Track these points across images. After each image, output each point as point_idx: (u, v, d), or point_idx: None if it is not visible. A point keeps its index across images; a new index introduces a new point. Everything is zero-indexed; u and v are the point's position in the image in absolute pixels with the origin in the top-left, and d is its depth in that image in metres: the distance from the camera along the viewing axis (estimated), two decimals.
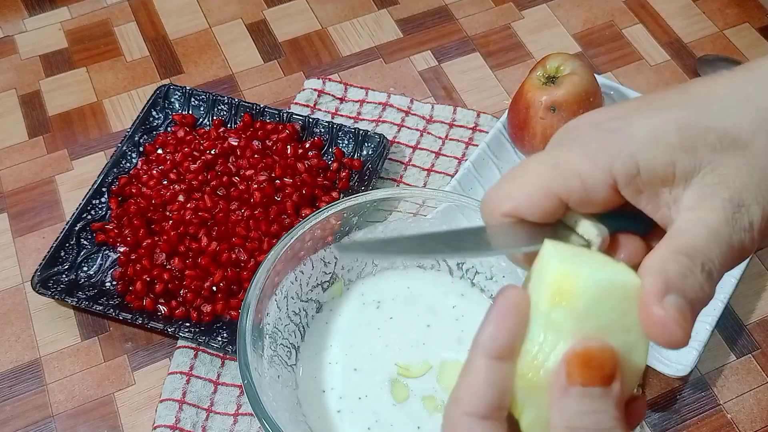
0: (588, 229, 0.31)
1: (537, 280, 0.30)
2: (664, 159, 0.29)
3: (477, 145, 0.77)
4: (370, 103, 0.82)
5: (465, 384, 0.30)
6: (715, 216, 0.29)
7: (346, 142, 0.77)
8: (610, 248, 0.32)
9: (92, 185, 0.74)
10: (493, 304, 0.30)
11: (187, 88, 0.80)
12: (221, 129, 0.78)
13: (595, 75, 0.73)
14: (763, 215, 0.29)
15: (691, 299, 0.28)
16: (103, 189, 0.74)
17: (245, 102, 0.79)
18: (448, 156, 0.78)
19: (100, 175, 0.74)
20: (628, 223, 0.32)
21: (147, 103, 0.79)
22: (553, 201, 0.31)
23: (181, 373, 0.65)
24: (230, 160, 0.75)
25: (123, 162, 0.76)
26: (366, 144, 0.76)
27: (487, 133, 0.78)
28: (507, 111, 0.75)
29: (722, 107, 0.30)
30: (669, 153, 0.29)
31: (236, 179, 0.73)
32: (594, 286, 0.29)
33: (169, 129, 0.79)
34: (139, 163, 0.76)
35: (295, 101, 0.83)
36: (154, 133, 0.78)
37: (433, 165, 0.78)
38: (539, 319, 0.29)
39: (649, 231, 0.32)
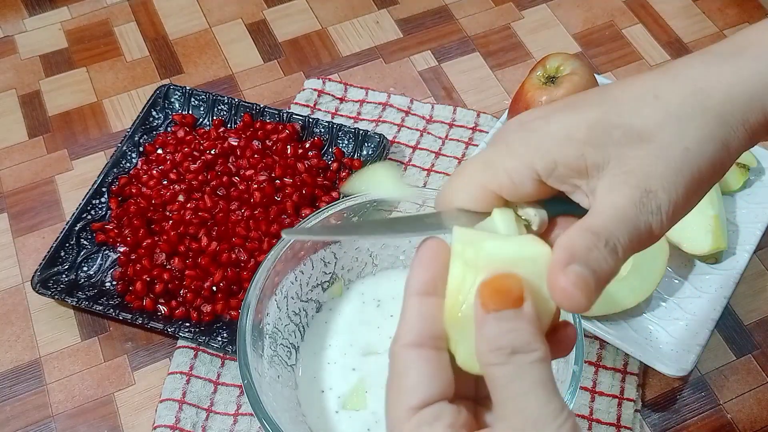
0: (527, 212, 0.34)
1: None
2: (574, 154, 0.32)
3: (477, 145, 0.77)
4: (370, 103, 0.82)
5: (401, 322, 0.34)
6: (623, 199, 0.32)
7: (346, 142, 0.77)
8: (549, 229, 0.35)
9: (92, 185, 0.74)
10: (416, 253, 0.34)
11: (187, 88, 0.80)
12: (221, 129, 0.78)
13: (595, 75, 0.73)
14: (670, 201, 0.32)
15: (594, 269, 0.31)
16: (103, 189, 0.74)
17: (245, 102, 0.79)
18: (448, 156, 0.78)
19: (100, 175, 0.74)
20: (569, 208, 0.35)
21: (147, 103, 0.79)
22: (489, 195, 0.34)
23: (181, 373, 0.65)
24: (230, 160, 0.75)
25: (123, 162, 0.76)
26: (366, 144, 0.76)
27: (487, 133, 0.78)
28: (507, 111, 0.75)
29: (632, 105, 0.33)
30: (578, 148, 0.32)
31: (236, 179, 0.73)
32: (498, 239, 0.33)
33: (169, 129, 0.79)
34: (139, 163, 0.76)
35: (295, 101, 0.83)
36: (154, 133, 0.78)
37: (433, 165, 0.78)
38: (458, 261, 0.33)
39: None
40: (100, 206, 0.73)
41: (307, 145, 0.76)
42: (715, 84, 0.33)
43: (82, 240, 0.71)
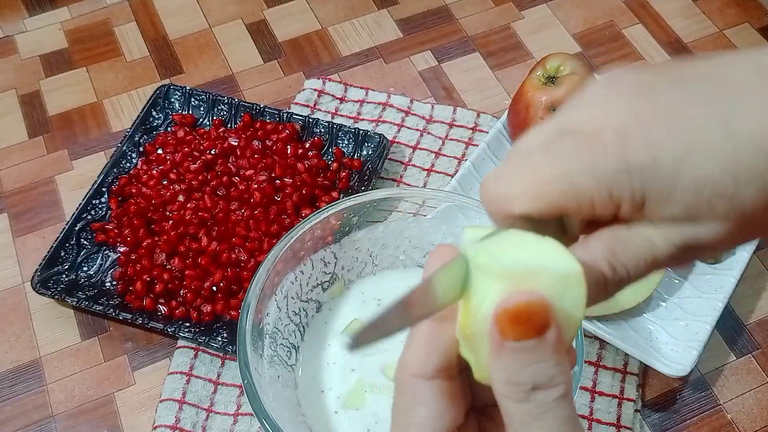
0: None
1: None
2: (671, 212, 0.28)
3: (477, 145, 0.77)
4: (370, 103, 0.82)
5: (412, 347, 0.31)
6: (662, 249, 0.29)
7: (346, 142, 0.77)
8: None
9: (92, 185, 0.74)
10: (428, 267, 0.31)
11: (187, 88, 0.80)
12: (221, 129, 0.78)
13: (595, 75, 0.73)
14: (707, 246, 0.29)
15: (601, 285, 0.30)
16: (103, 189, 0.74)
17: (245, 102, 0.79)
18: (448, 156, 0.78)
19: (100, 175, 0.74)
20: None
21: (147, 103, 0.79)
22: (558, 212, 0.29)
23: (181, 373, 0.65)
24: (230, 160, 0.75)
25: (123, 162, 0.76)
26: (366, 144, 0.76)
27: (487, 133, 0.78)
28: (507, 111, 0.75)
29: (703, 151, 0.27)
30: (677, 208, 0.28)
31: (236, 179, 0.73)
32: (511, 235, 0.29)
33: (169, 129, 0.79)
34: (139, 163, 0.76)
35: (295, 101, 0.83)
36: (154, 133, 0.78)
37: (433, 165, 0.78)
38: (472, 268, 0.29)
39: None
40: (100, 206, 0.73)
41: (307, 145, 0.76)
42: None
43: (82, 240, 0.71)
